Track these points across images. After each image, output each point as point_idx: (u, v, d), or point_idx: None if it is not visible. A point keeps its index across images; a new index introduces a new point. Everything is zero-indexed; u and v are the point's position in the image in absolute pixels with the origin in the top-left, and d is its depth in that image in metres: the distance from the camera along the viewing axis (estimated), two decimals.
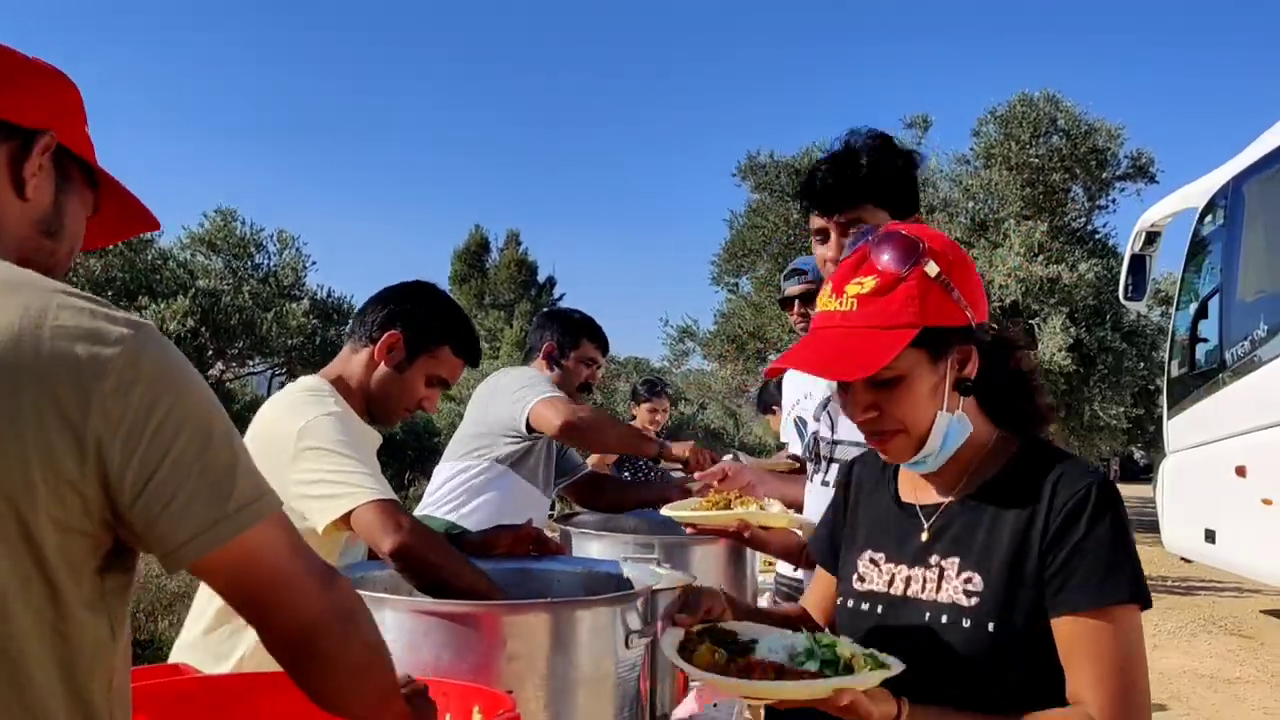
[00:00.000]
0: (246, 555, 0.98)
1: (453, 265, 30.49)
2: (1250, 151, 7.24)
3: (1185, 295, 8.35)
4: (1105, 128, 16.03)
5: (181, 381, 0.96)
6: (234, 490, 0.97)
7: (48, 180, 1.11)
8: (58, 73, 1.15)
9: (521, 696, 1.58)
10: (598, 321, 3.40)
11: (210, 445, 0.96)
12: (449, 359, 2.19)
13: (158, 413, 0.93)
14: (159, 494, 0.93)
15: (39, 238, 1.10)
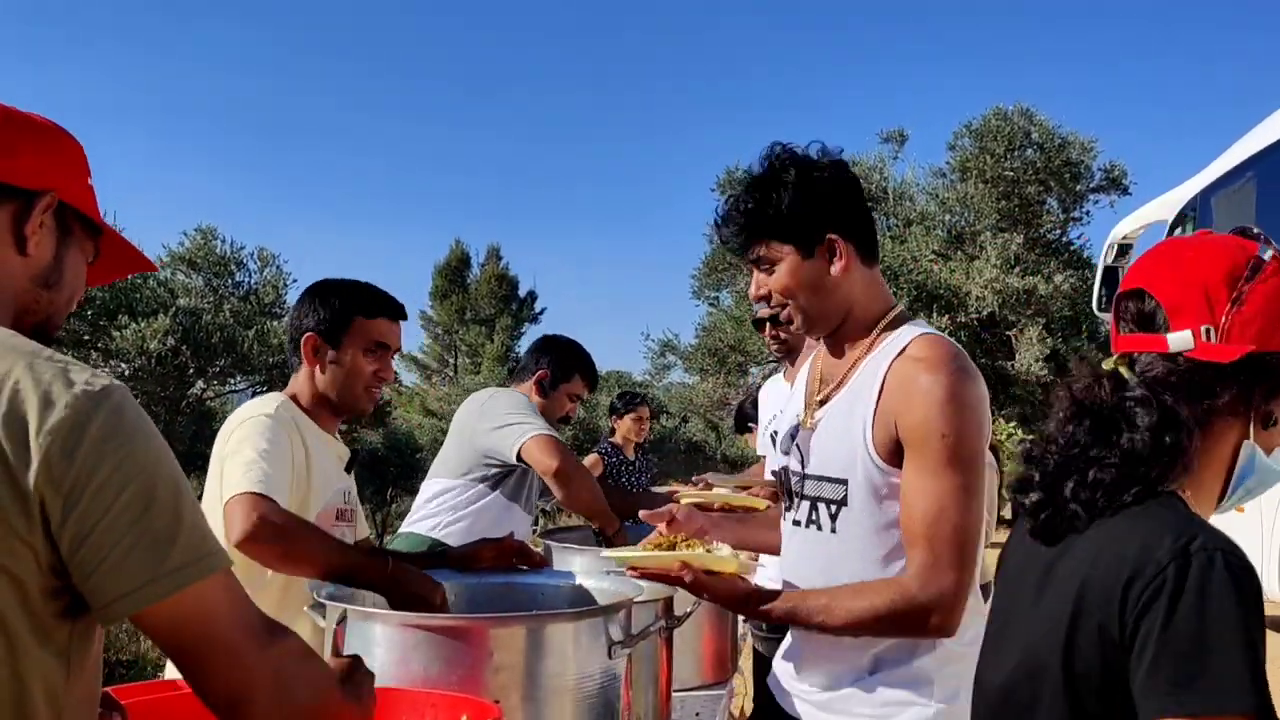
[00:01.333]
0: (180, 615, 1.01)
1: (433, 280, 30.48)
2: (1217, 165, 7.40)
3: None
4: (1079, 141, 16.27)
5: (129, 444, 0.99)
6: (171, 551, 0.99)
7: (49, 236, 1.16)
8: (59, 131, 1.20)
9: (508, 706, 1.64)
10: (591, 357, 3.48)
11: (151, 508, 0.99)
12: (368, 325, 2.25)
13: (100, 474, 0.97)
14: (94, 552, 0.96)
15: (38, 290, 1.15)
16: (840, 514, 1.70)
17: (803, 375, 1.91)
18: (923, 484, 1.59)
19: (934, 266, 15.04)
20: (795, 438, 1.81)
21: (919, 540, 1.59)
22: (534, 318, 30.28)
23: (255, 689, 1.05)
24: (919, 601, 1.58)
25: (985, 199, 15.95)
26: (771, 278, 1.74)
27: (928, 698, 1.65)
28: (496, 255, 30.98)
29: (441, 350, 30.24)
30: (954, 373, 1.61)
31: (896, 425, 1.63)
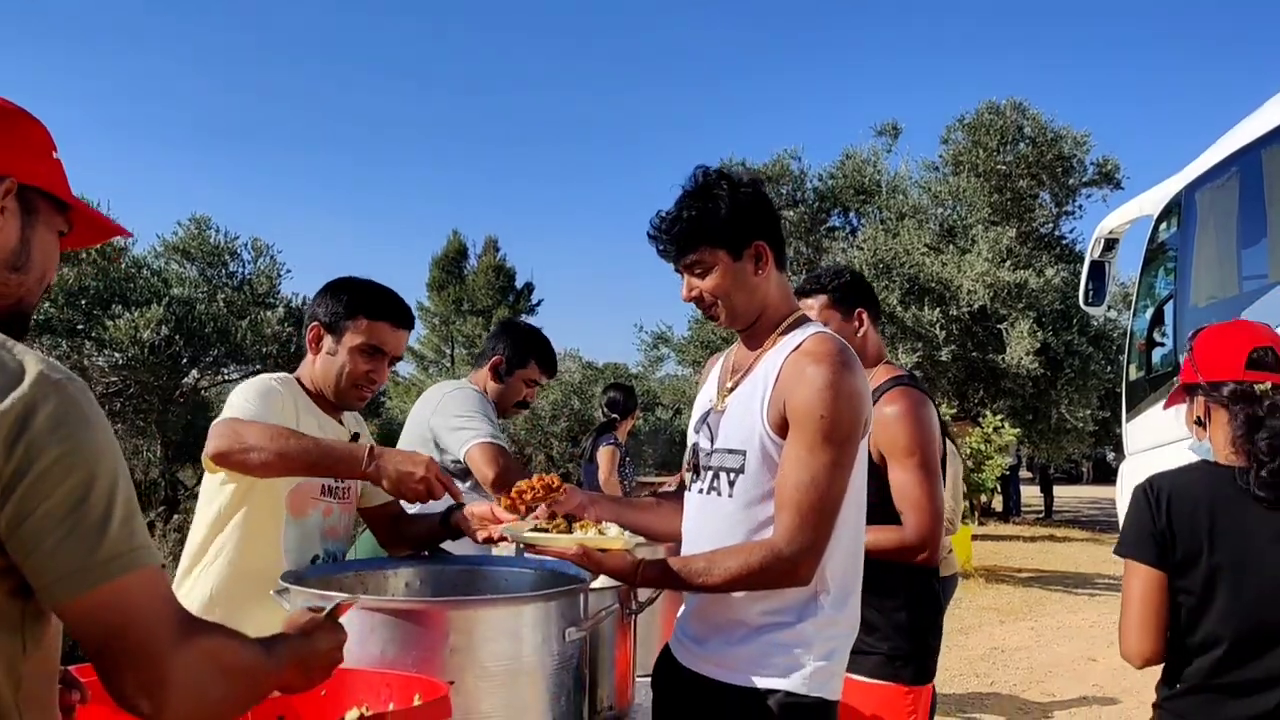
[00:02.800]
0: (97, 609, 1.02)
1: (431, 272, 30.49)
2: (1201, 160, 7.42)
3: (1142, 300, 8.54)
4: (1071, 135, 16.31)
5: (74, 436, 1.02)
6: (102, 543, 1.02)
7: (12, 220, 1.17)
8: (14, 112, 1.20)
9: (462, 687, 1.70)
10: (551, 343, 3.52)
11: (87, 499, 1.01)
12: (369, 325, 2.32)
13: (39, 464, 0.99)
14: (29, 539, 1.00)
15: (5, 274, 1.17)
16: (738, 481, 1.93)
17: (717, 367, 2.15)
18: (798, 457, 1.84)
19: (926, 260, 15.07)
20: (706, 419, 2.05)
21: (788, 504, 1.84)
22: (531, 309, 30.32)
23: (168, 684, 1.04)
24: (785, 556, 1.82)
25: (978, 193, 15.98)
26: (705, 280, 1.96)
27: (808, 655, 1.89)
28: (494, 247, 31.01)
29: (439, 341, 30.27)
30: (836, 365, 1.85)
31: (785, 406, 1.87)
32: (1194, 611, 2.01)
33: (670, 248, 1.98)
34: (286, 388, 2.28)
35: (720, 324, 2.04)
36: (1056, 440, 16.77)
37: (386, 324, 2.34)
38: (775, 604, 1.90)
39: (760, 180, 2.00)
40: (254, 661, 1.17)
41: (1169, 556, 2.02)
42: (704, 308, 2.02)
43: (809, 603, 1.90)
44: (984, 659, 7.41)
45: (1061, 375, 15.59)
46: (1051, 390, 15.74)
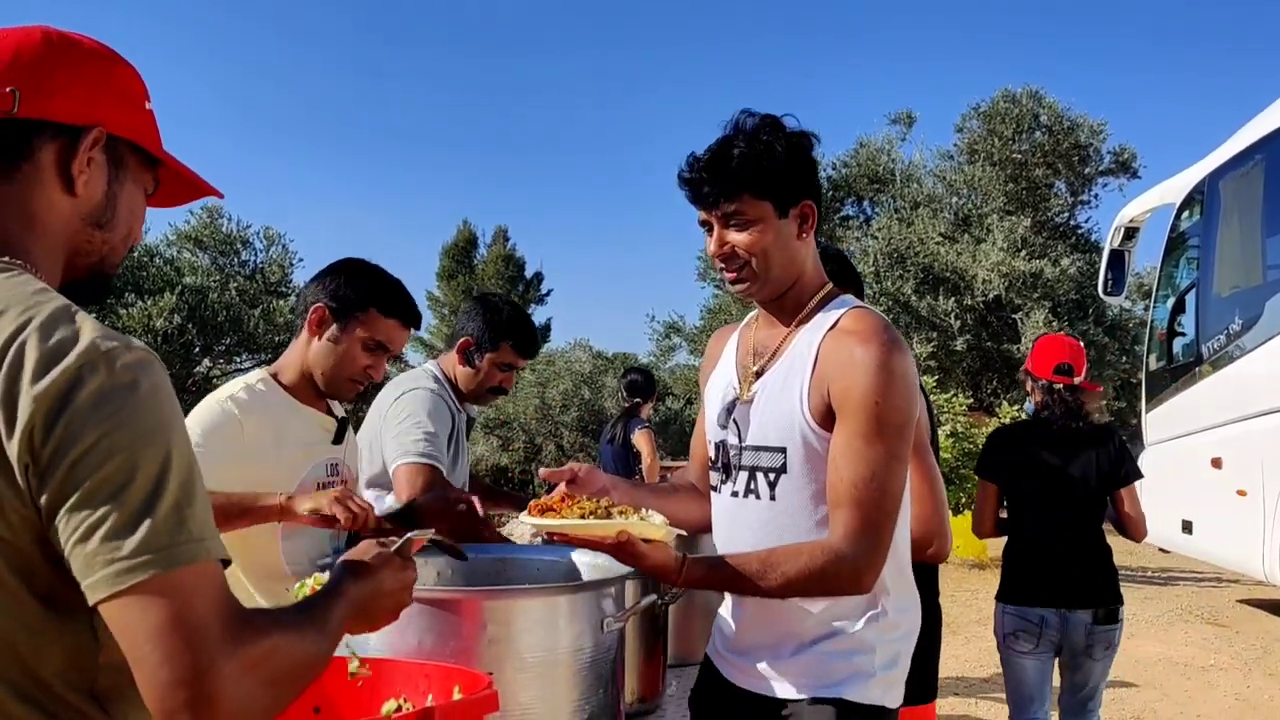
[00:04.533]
0: (139, 605, 0.90)
1: (441, 261, 30.48)
2: (1225, 148, 7.35)
3: (1163, 290, 8.47)
4: (1087, 124, 16.19)
5: (120, 413, 0.92)
6: (142, 534, 0.90)
7: (99, 173, 1.09)
8: (108, 56, 1.11)
9: (500, 678, 1.65)
10: (530, 321, 3.13)
11: (128, 485, 0.91)
12: (379, 320, 2.24)
13: (78, 447, 0.90)
14: (65, 529, 0.90)
15: (89, 230, 1.09)
16: (780, 481, 1.74)
17: (730, 349, 1.91)
18: (854, 448, 1.64)
19: (940, 249, 14.99)
20: (732, 412, 1.82)
21: (847, 502, 1.64)
22: (540, 299, 30.30)
23: (213, 706, 0.92)
24: (848, 561, 1.63)
25: (993, 182, 15.89)
26: (742, 234, 1.72)
27: (870, 665, 1.72)
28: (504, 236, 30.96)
29: (448, 330, 30.27)
30: (885, 344, 1.66)
31: (830, 392, 1.68)
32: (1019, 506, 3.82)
33: (710, 190, 1.71)
34: (248, 401, 2.15)
35: (744, 292, 1.78)
36: None
37: (397, 322, 2.27)
38: (833, 611, 1.73)
39: (812, 135, 1.77)
40: (309, 653, 1.04)
41: (1005, 473, 3.83)
42: (732, 268, 1.76)
43: (869, 606, 1.74)
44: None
45: None
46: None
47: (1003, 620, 3.75)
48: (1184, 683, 6.43)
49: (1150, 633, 7.86)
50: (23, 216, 1.05)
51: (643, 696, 2.35)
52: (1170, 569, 10.76)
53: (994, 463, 3.83)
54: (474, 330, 3.00)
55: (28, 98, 1.03)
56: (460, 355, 3.00)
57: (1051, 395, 3.78)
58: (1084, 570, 3.66)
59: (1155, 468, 8.11)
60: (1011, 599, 3.72)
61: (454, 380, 3.03)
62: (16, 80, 1.03)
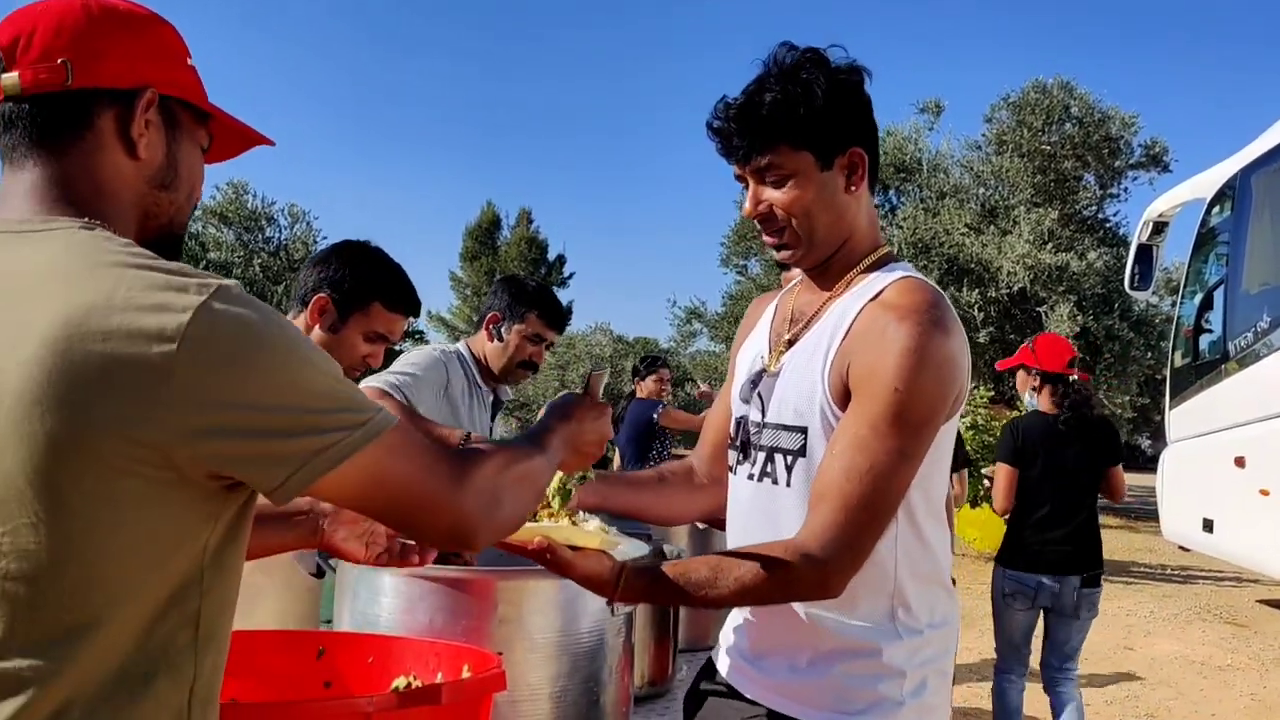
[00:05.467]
0: (359, 482, 1.00)
1: (464, 241, 30.57)
2: (1258, 144, 7.24)
3: (1191, 286, 8.37)
4: (1119, 116, 16.00)
5: (251, 338, 0.95)
6: (333, 424, 0.97)
7: (158, 134, 1.10)
8: (147, 16, 1.12)
9: (510, 658, 1.66)
10: (556, 295, 3.18)
11: (289, 386, 0.96)
12: (382, 314, 2.19)
13: (228, 371, 0.92)
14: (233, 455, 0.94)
15: (156, 192, 1.10)
16: (796, 465, 1.53)
17: (767, 316, 1.71)
18: (857, 437, 1.42)
19: (966, 240, 14.88)
20: (757, 385, 1.61)
21: (832, 495, 1.41)
22: (563, 282, 30.34)
23: (469, 527, 1.09)
24: (816, 561, 1.39)
25: (1021, 173, 15.75)
26: (780, 191, 1.51)
27: (897, 691, 1.51)
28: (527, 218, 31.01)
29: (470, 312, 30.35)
30: (925, 323, 1.42)
31: (849, 370, 1.47)
32: (1028, 488, 4.29)
33: (739, 142, 1.50)
34: None
35: (787, 259, 1.57)
36: None
37: (400, 314, 2.24)
38: (849, 622, 1.51)
39: (864, 70, 1.54)
40: (532, 465, 1.21)
41: (1020, 459, 4.30)
42: (770, 230, 1.55)
43: (889, 619, 1.52)
44: None
45: (1101, 360, 15.38)
46: (1090, 375, 15.53)
47: (1002, 582, 4.33)
48: (1200, 681, 6.39)
49: (1167, 631, 7.81)
50: (94, 185, 1.06)
51: (653, 680, 2.35)
52: (1190, 567, 10.67)
53: (1013, 450, 4.34)
54: (500, 305, 3.05)
55: (79, 67, 1.04)
56: (488, 330, 3.04)
57: (1068, 387, 4.33)
58: (1078, 542, 4.28)
59: (1177, 465, 8.05)
60: (1012, 565, 4.30)
61: (483, 359, 3.07)
62: (67, 52, 1.04)
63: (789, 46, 1.51)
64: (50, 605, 0.92)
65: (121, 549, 0.94)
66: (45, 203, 1.04)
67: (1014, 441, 4.35)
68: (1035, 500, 4.28)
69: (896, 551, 1.51)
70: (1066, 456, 4.29)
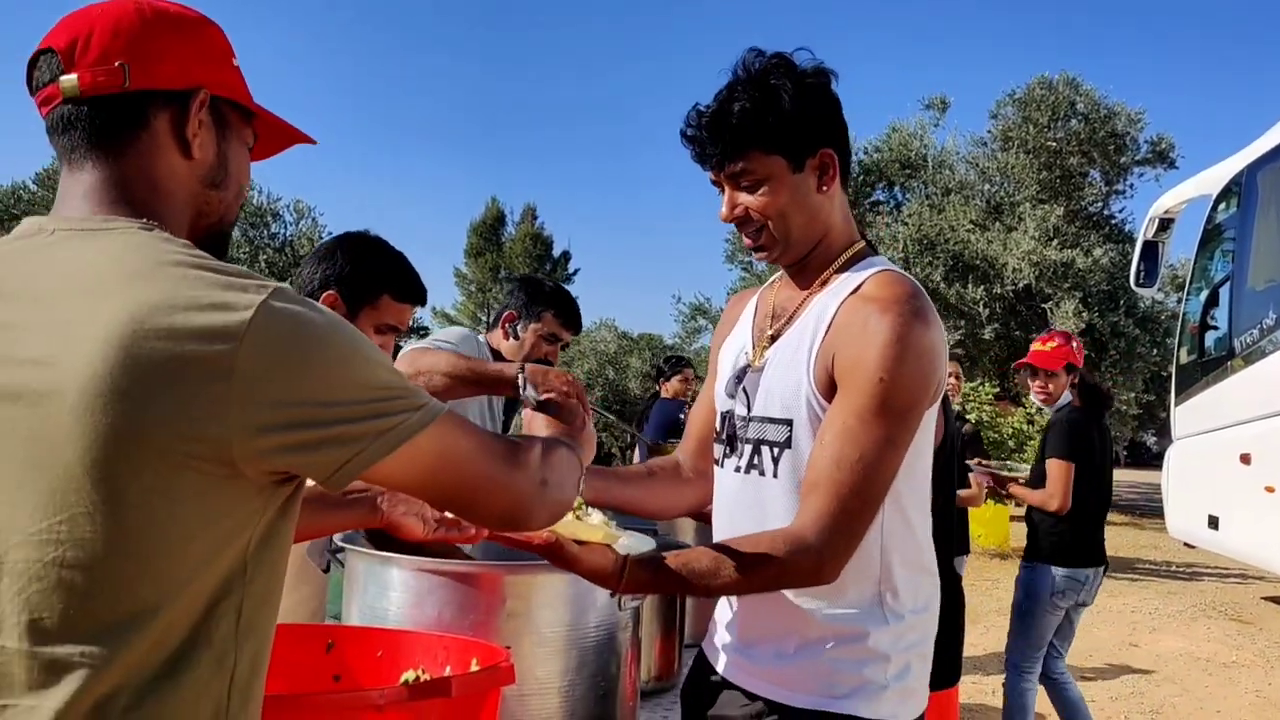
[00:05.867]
0: (421, 465, 1.04)
1: (469, 238, 30.59)
2: (1264, 140, 7.22)
3: (1197, 282, 8.35)
4: (1125, 112, 15.97)
5: (311, 336, 0.98)
6: (388, 408, 1.00)
7: (209, 134, 1.12)
8: (196, 18, 1.14)
9: (518, 652, 1.67)
10: (573, 297, 3.18)
11: (349, 380, 0.98)
12: (392, 305, 2.18)
13: (290, 368, 0.95)
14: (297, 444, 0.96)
15: (208, 192, 1.13)
16: (783, 457, 1.57)
17: (748, 313, 1.76)
18: (845, 427, 1.46)
19: (971, 236, 14.85)
20: (742, 380, 1.66)
21: (824, 484, 1.46)
22: (568, 278, 30.34)
23: (525, 508, 1.15)
24: (812, 550, 1.44)
25: (1026, 169, 15.72)
26: (754, 196, 1.56)
27: (882, 675, 1.55)
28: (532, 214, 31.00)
29: (474, 308, 30.38)
30: (906, 314, 1.48)
31: (834, 362, 1.51)
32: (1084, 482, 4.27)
33: (711, 150, 1.55)
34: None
35: (765, 258, 1.62)
36: None
37: (409, 305, 2.23)
38: (837, 609, 1.56)
39: (829, 71, 1.59)
40: (568, 453, 1.25)
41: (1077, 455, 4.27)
42: (748, 232, 1.60)
43: (876, 605, 1.56)
44: None
45: (1106, 357, 15.36)
46: (1096, 372, 15.51)
47: (1052, 581, 4.23)
48: (1205, 678, 6.39)
49: (1172, 627, 7.81)
50: (150, 185, 1.08)
51: (659, 675, 2.36)
52: (1195, 564, 10.66)
53: (1072, 446, 4.28)
54: (516, 304, 3.08)
55: (136, 69, 1.06)
56: (504, 329, 3.07)
57: (1096, 384, 4.52)
58: (1104, 531, 4.44)
59: (1182, 462, 8.03)
60: (1069, 562, 4.23)
61: (500, 357, 3.06)
62: (124, 54, 1.06)
63: (757, 52, 1.57)
64: (104, 594, 0.94)
65: (175, 541, 0.95)
66: (104, 203, 1.06)
67: (1074, 437, 4.29)
68: (1091, 494, 4.29)
69: (883, 538, 1.55)
70: (1106, 448, 4.42)
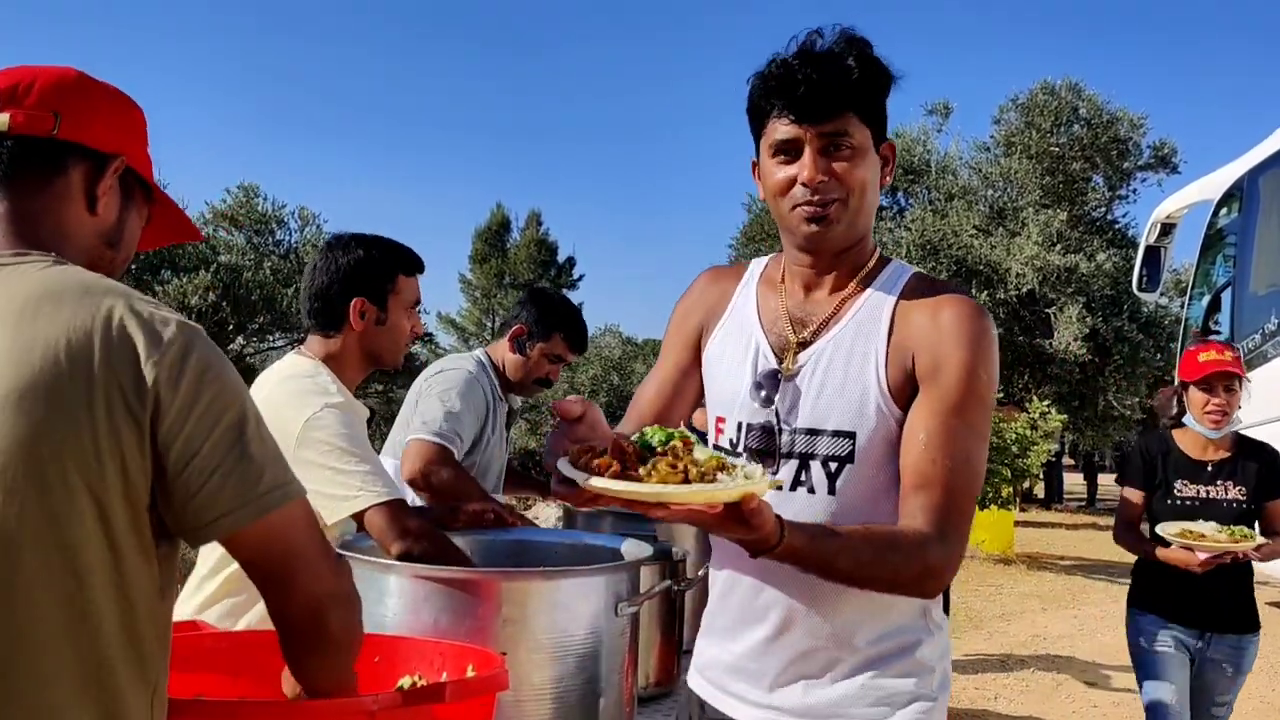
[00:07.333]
0: (271, 534, 1.10)
1: (473, 244, 30.57)
2: (1266, 145, 7.23)
3: (1199, 287, 8.36)
4: (1128, 117, 15.97)
5: (222, 376, 1.09)
6: (264, 474, 1.09)
7: (115, 198, 1.24)
8: (129, 100, 1.28)
9: (514, 658, 1.68)
10: (583, 318, 3.20)
11: (245, 433, 1.09)
12: (407, 283, 2.28)
13: (201, 402, 1.06)
14: (197, 473, 1.05)
15: (102, 248, 1.24)
16: (843, 472, 1.45)
17: (741, 304, 1.60)
18: (947, 425, 1.39)
19: (974, 242, 14.85)
20: (768, 388, 1.51)
21: (940, 487, 1.37)
22: (572, 284, 30.32)
23: (333, 602, 1.16)
24: (942, 557, 1.36)
25: (1029, 174, 15.72)
26: (844, 163, 1.42)
27: (930, 688, 1.50)
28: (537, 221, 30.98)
29: (480, 314, 30.39)
30: (975, 310, 1.45)
31: (915, 362, 1.43)
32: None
33: (818, 98, 1.39)
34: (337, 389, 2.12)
35: (819, 235, 1.45)
36: (1103, 428, 16.53)
37: (417, 277, 2.30)
38: (890, 624, 1.48)
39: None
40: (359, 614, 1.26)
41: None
42: (819, 201, 1.43)
43: (920, 616, 1.51)
44: (1025, 645, 7.33)
45: (1110, 362, 15.34)
46: (1099, 377, 15.50)
47: None
48: None
49: None
50: (55, 227, 1.19)
51: (658, 681, 2.38)
52: None
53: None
54: (528, 319, 3.08)
55: (67, 121, 1.18)
56: (512, 343, 3.08)
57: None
58: None
59: None
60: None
61: (501, 369, 3.10)
62: (58, 106, 1.18)
63: (848, 29, 1.44)
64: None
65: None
66: (10, 236, 1.16)
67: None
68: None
69: None
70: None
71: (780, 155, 1.46)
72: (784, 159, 1.45)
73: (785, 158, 1.45)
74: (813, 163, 1.42)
